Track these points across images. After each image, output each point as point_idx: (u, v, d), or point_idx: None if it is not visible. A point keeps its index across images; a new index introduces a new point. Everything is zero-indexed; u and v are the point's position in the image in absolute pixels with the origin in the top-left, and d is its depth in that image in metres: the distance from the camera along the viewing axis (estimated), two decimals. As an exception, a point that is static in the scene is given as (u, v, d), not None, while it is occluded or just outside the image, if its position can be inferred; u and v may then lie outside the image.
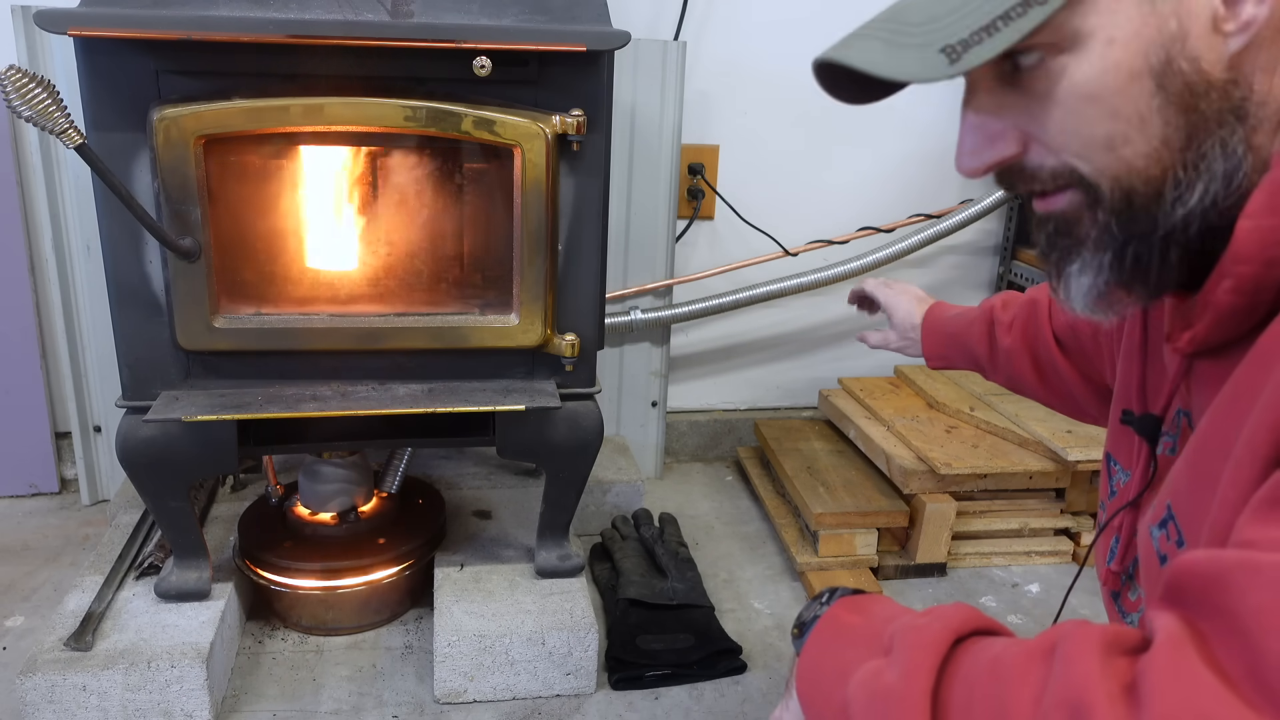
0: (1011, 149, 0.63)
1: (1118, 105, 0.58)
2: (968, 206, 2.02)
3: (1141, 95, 0.58)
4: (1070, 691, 0.49)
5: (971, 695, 0.53)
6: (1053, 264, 0.67)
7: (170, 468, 1.29)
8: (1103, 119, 0.59)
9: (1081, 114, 0.59)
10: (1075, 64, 0.58)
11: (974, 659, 0.56)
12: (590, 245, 1.33)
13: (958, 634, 0.58)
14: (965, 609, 0.60)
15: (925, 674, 0.55)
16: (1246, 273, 0.59)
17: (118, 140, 1.18)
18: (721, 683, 1.44)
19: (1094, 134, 0.59)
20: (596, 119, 1.27)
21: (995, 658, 0.54)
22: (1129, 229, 0.61)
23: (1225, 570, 0.48)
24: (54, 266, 1.68)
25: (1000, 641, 0.57)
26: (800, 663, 0.67)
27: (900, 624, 0.61)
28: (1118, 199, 0.61)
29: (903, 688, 0.55)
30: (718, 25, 1.91)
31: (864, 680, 0.59)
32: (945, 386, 2.03)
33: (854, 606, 0.69)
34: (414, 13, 1.20)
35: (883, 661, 0.59)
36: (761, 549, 1.83)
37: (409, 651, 1.47)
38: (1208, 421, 0.62)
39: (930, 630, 0.58)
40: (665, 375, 2.01)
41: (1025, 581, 1.75)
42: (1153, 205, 0.60)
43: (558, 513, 1.46)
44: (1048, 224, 0.66)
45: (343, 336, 1.30)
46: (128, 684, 1.25)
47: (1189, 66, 0.57)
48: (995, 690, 0.52)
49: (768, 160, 2.02)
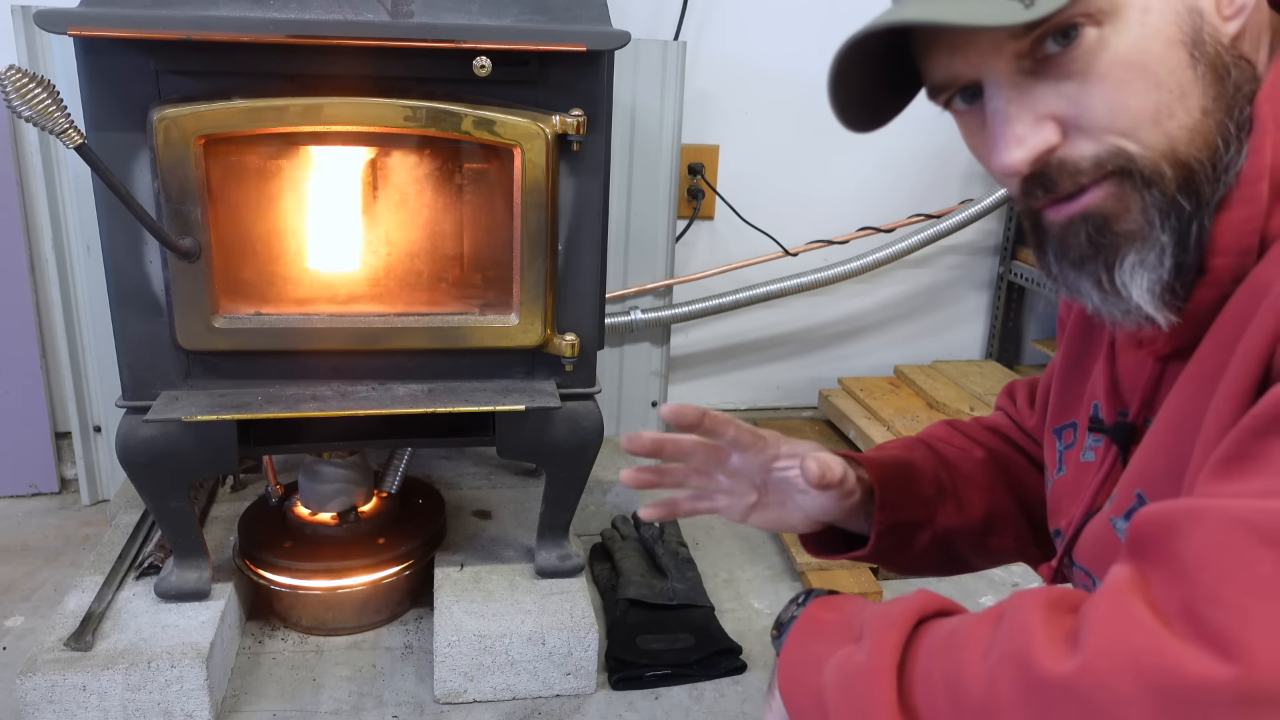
0: (1054, 137, 0.60)
1: (1161, 74, 0.57)
2: (968, 206, 2.02)
3: (1181, 64, 0.57)
4: (1013, 643, 0.51)
5: (931, 665, 0.56)
6: (1097, 270, 0.61)
7: (170, 468, 1.29)
8: (1148, 90, 0.57)
9: (1127, 85, 0.57)
10: (1114, 35, 0.57)
11: (934, 634, 0.58)
12: (590, 245, 1.33)
13: (921, 614, 0.61)
14: (927, 594, 0.63)
15: (891, 650, 0.58)
16: (1224, 265, 0.59)
17: (118, 140, 1.18)
18: (721, 683, 1.44)
19: (1141, 107, 0.57)
20: (596, 119, 1.27)
21: (952, 630, 0.57)
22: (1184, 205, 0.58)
23: (1174, 517, 0.50)
24: (54, 266, 1.68)
25: (959, 617, 0.60)
26: (781, 661, 0.69)
27: (869, 612, 0.64)
28: (1177, 174, 0.58)
29: (870, 665, 0.58)
30: (718, 25, 1.92)
31: (837, 665, 0.61)
32: (945, 386, 2.03)
33: (829, 605, 0.71)
34: (414, 13, 1.20)
35: (853, 647, 0.62)
36: (761, 549, 1.83)
37: (409, 651, 1.47)
38: (1174, 404, 0.63)
39: (893, 613, 0.61)
40: (665, 375, 2.01)
41: (1025, 581, 1.75)
42: (1205, 178, 0.58)
43: (558, 513, 1.46)
44: (1080, 230, 0.61)
45: (343, 336, 1.30)
46: (128, 684, 1.25)
47: (1211, 39, 0.57)
48: (950, 656, 0.55)
49: (768, 160, 2.02)
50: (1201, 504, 0.50)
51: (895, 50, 0.64)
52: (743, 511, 0.86)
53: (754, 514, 0.87)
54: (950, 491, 0.89)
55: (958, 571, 0.95)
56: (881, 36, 0.60)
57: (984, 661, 0.52)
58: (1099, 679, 0.46)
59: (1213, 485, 0.52)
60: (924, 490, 0.87)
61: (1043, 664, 0.49)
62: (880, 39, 0.60)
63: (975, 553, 0.92)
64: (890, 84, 0.67)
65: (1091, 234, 0.61)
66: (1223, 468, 0.52)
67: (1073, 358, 0.82)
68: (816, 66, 1.96)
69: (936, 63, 0.63)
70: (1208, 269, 0.60)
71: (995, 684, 0.51)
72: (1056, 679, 0.48)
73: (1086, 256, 0.62)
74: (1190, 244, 0.59)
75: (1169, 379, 0.68)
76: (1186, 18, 0.57)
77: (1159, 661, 0.45)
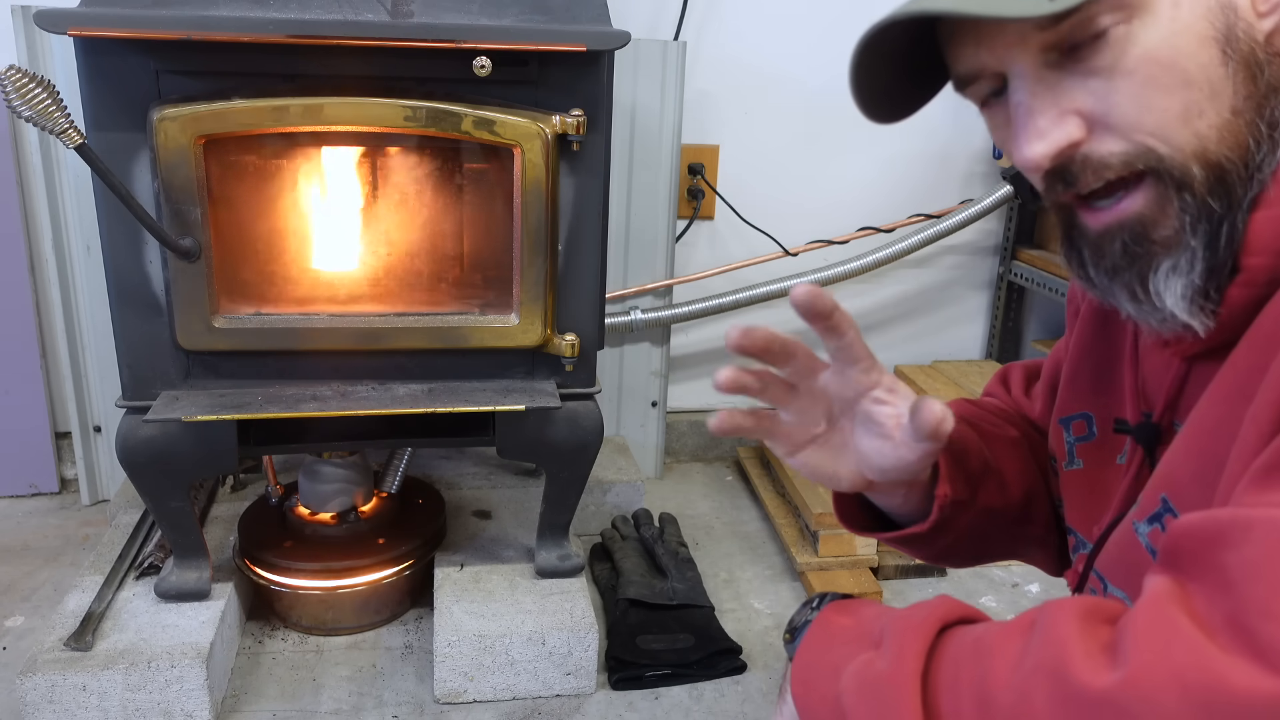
0: (1078, 132, 0.59)
1: (1191, 71, 0.56)
2: (968, 206, 2.02)
3: (1212, 61, 0.56)
4: (1048, 653, 0.49)
5: (957, 673, 0.54)
6: (1131, 280, 0.61)
7: (170, 468, 1.29)
8: (1177, 87, 0.56)
9: (1157, 82, 0.56)
10: (1144, 30, 0.56)
11: (959, 641, 0.57)
12: (590, 245, 1.33)
13: (944, 621, 0.59)
14: (949, 600, 0.61)
15: (914, 658, 0.56)
16: (1259, 264, 0.58)
17: (118, 140, 1.18)
18: (721, 683, 1.44)
19: (1170, 105, 0.56)
20: (596, 119, 1.27)
21: (979, 638, 0.56)
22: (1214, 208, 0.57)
23: (1219, 528, 0.49)
24: (54, 266, 1.68)
25: (984, 624, 0.58)
26: (794, 666, 0.68)
27: (888, 618, 0.62)
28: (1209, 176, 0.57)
29: (893, 672, 0.56)
30: (718, 25, 1.91)
31: (855, 671, 0.60)
32: (945, 386, 2.03)
33: (844, 609, 0.70)
34: (414, 13, 1.20)
35: (873, 653, 0.60)
36: (761, 549, 1.83)
37: (409, 651, 1.47)
38: (1206, 408, 0.61)
39: (915, 618, 0.59)
40: (665, 375, 2.01)
41: (1025, 581, 1.75)
42: (1238, 179, 0.57)
43: (558, 513, 1.46)
44: (1115, 239, 0.60)
45: (343, 336, 1.30)
46: (128, 684, 1.25)
47: (1245, 36, 0.56)
48: (978, 664, 0.53)
49: (768, 160, 2.02)
50: (1248, 514, 0.48)
51: (921, 42, 0.64)
52: (800, 443, 0.74)
53: (808, 450, 0.74)
54: (995, 470, 0.82)
55: (978, 562, 0.90)
56: (906, 27, 0.59)
57: (1016, 671, 0.51)
58: (1142, 693, 0.45)
59: (1254, 495, 0.50)
60: (972, 465, 0.79)
61: (1081, 676, 0.47)
62: (905, 30, 0.59)
63: (1006, 538, 0.86)
64: (915, 76, 0.66)
65: (1128, 243, 0.60)
66: (1265, 477, 0.50)
67: (1085, 347, 0.80)
68: (817, 67, 1.97)
69: (962, 54, 0.63)
70: (1241, 268, 0.58)
71: (1028, 694, 0.49)
72: (1097, 693, 0.46)
73: (1120, 266, 0.61)
74: (1220, 246, 0.58)
75: (1196, 380, 0.66)
76: (1219, 13, 0.56)
77: (1205, 676, 0.44)
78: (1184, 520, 0.52)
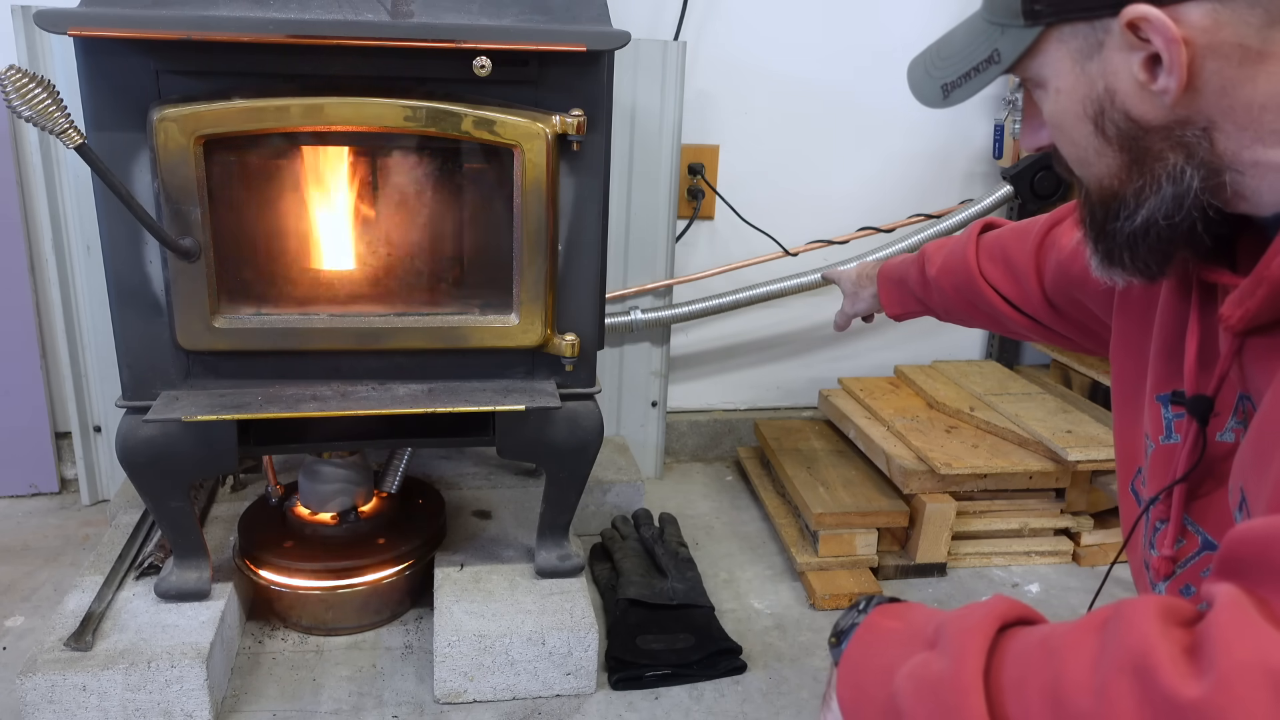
0: (1047, 140, 0.77)
1: (1074, 138, 0.72)
2: (968, 206, 2.02)
3: (1086, 135, 0.70)
4: (1131, 653, 0.49)
5: (1024, 672, 0.54)
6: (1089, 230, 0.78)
7: (170, 468, 1.29)
8: (1068, 144, 0.73)
9: (1057, 136, 0.74)
10: (1044, 99, 0.73)
11: (1023, 640, 0.57)
12: (590, 245, 1.33)
13: (1003, 620, 0.59)
14: (1007, 599, 0.61)
15: (975, 655, 0.56)
16: None
17: (118, 140, 1.19)
18: (721, 683, 1.44)
19: (1069, 153, 0.74)
20: (596, 119, 1.27)
21: (1045, 636, 0.55)
22: (1100, 222, 0.74)
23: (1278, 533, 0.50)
24: (54, 266, 1.68)
25: (1048, 624, 0.58)
26: (841, 668, 0.68)
27: (943, 618, 0.62)
28: (1093, 199, 0.74)
29: (953, 671, 0.56)
30: (718, 25, 1.91)
31: (911, 672, 0.60)
32: (945, 386, 2.03)
33: (891, 613, 0.70)
34: (414, 13, 1.20)
35: (930, 654, 0.60)
36: (761, 549, 1.83)
37: (409, 651, 1.47)
38: (1269, 401, 0.63)
39: (973, 619, 0.59)
40: (665, 375, 2.01)
41: (1025, 581, 1.75)
42: (1114, 211, 0.72)
43: (558, 513, 1.46)
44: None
45: (343, 336, 1.30)
46: (128, 684, 1.25)
47: (1120, 117, 0.68)
48: (1048, 664, 0.53)
49: (768, 160, 2.02)
50: None
51: None
52: (842, 322, 1.49)
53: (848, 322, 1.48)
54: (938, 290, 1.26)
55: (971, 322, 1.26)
56: None
57: (1095, 672, 0.51)
58: (1234, 698, 0.46)
59: None
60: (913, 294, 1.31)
61: (1168, 680, 0.48)
62: None
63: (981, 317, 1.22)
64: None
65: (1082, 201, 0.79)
66: None
67: (1167, 324, 0.85)
68: (817, 67, 1.97)
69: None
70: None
71: (1111, 696, 0.49)
72: (1189, 700, 0.47)
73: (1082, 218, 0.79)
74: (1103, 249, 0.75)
75: (1250, 354, 0.70)
76: (1091, 102, 0.69)
77: None
78: (1241, 528, 0.53)
